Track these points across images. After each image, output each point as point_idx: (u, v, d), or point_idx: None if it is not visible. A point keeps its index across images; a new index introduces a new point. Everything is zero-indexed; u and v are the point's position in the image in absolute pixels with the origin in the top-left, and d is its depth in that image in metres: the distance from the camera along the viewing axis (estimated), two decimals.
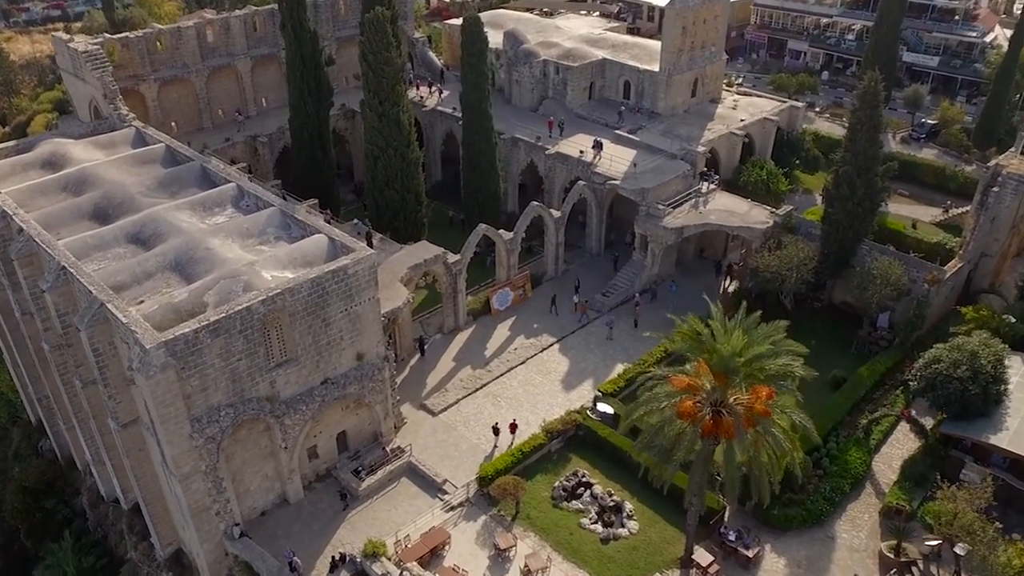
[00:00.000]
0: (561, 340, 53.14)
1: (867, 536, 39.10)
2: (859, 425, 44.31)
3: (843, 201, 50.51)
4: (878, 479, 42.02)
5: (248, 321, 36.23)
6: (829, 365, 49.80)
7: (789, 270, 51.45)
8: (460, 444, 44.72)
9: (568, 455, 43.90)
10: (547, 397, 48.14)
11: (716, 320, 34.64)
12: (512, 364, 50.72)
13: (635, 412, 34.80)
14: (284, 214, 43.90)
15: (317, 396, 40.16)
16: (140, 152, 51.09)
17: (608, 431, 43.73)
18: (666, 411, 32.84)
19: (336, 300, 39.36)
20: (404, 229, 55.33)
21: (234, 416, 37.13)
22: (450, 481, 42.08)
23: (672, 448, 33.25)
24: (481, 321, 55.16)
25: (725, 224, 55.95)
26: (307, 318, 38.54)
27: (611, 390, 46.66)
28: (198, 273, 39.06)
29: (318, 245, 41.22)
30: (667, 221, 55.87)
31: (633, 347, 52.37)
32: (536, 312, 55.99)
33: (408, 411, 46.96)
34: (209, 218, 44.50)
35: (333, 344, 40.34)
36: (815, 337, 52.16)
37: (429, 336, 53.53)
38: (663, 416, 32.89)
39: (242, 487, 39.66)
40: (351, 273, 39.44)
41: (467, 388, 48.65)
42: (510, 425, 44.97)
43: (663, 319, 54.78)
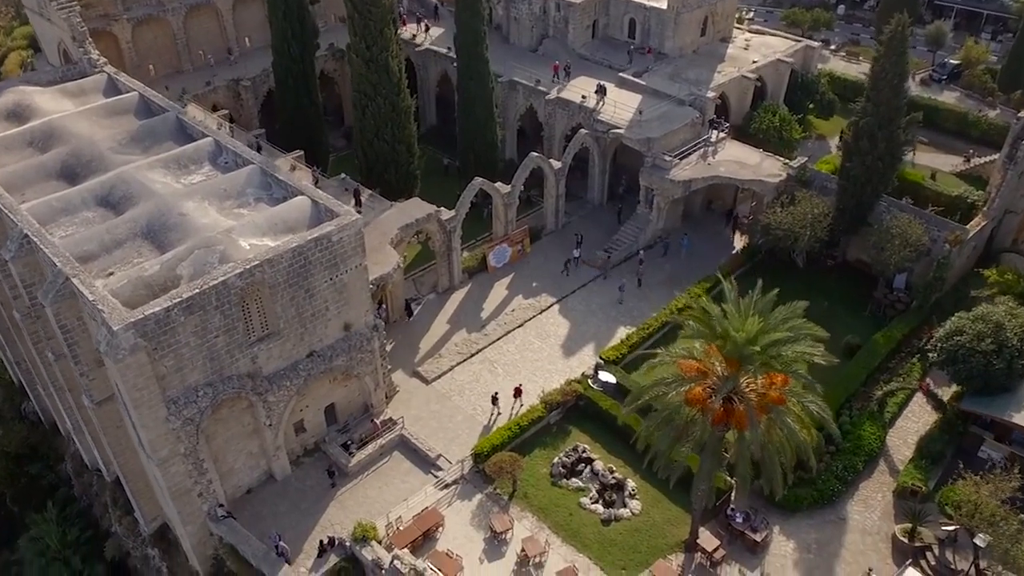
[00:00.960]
0: (561, 301, 50.69)
1: (880, 517, 37.38)
2: (873, 397, 42.17)
3: (862, 155, 47.32)
4: (892, 456, 40.12)
5: (225, 296, 33.72)
6: (842, 329, 47.43)
7: (802, 228, 48.64)
8: (455, 415, 42.73)
9: (568, 428, 41.95)
10: (546, 363, 45.96)
11: (729, 301, 32.00)
12: (509, 327, 48.39)
13: (640, 396, 32.47)
14: (264, 173, 40.88)
15: (302, 370, 37.94)
16: (111, 102, 47.66)
17: (610, 403, 41.67)
18: (674, 398, 30.52)
19: (320, 269, 36.75)
20: (395, 182, 52.28)
21: (213, 396, 34.96)
22: (444, 456, 40.21)
23: (680, 437, 31.11)
24: (477, 279, 52.62)
25: (735, 177, 52.83)
26: (289, 289, 36.02)
27: (613, 357, 44.44)
28: (171, 241, 36.38)
29: (300, 209, 38.38)
30: (674, 173, 52.74)
31: (637, 308, 49.97)
32: (535, 269, 53.39)
33: (400, 379, 44.85)
34: (184, 177, 41.52)
35: (318, 315, 37.91)
36: (827, 297, 49.94)
37: (423, 296, 51.09)
38: (670, 403, 30.58)
39: (225, 466, 37.80)
40: (335, 241, 36.72)
41: (462, 354, 46.44)
42: (515, 390, 43.00)
43: (671, 277, 52.59)
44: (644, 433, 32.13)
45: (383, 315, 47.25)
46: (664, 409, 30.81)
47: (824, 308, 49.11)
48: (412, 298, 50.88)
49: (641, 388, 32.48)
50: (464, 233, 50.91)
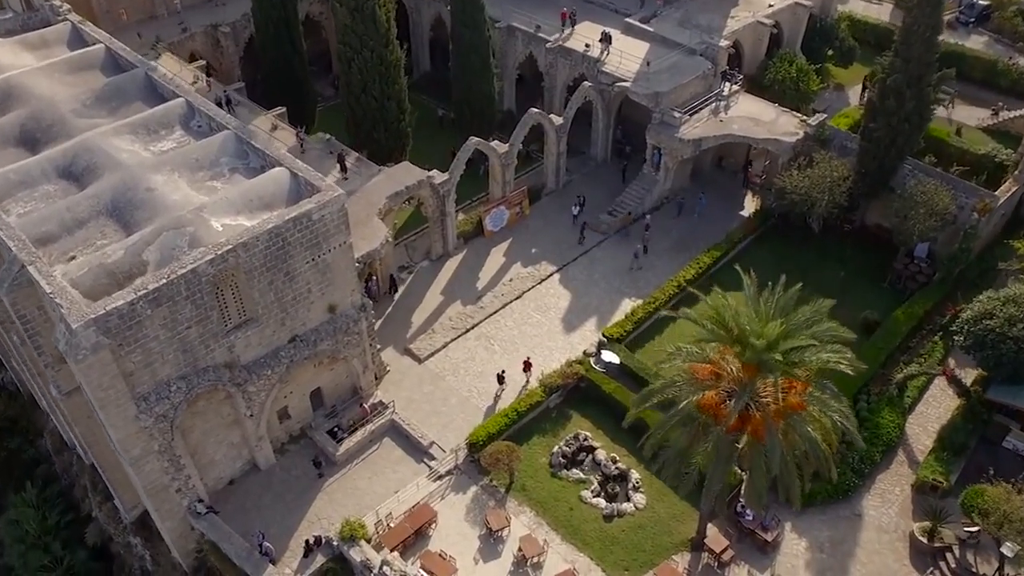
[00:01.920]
0: (562, 269, 47.86)
1: (898, 514, 35.39)
2: (893, 380, 39.71)
3: (888, 115, 43.79)
4: (912, 445, 37.94)
5: (195, 285, 30.94)
6: (859, 302, 44.84)
7: (820, 193, 45.47)
8: (448, 398, 40.42)
9: (568, 412, 39.68)
10: (545, 339, 43.44)
11: (748, 296, 29.22)
12: (507, 299, 45.70)
13: (648, 399, 29.93)
14: (240, 139, 37.57)
15: (284, 357, 35.43)
16: (75, 57, 43.86)
17: (613, 386, 39.32)
18: (685, 406, 27.97)
19: (300, 250, 33.87)
20: (385, 141, 48.81)
21: (188, 390, 32.50)
22: (437, 444, 38.06)
23: (691, 444, 28.74)
24: (473, 245, 49.68)
25: (749, 136, 49.34)
26: (267, 273, 33.21)
27: (617, 335, 41.88)
28: (138, 220, 33.40)
29: (278, 182, 35.26)
30: (683, 132, 49.23)
31: (643, 278, 47.20)
32: (535, 234, 50.40)
33: (391, 357, 42.40)
34: (154, 144, 38.22)
35: (299, 298, 35.19)
36: (844, 266, 47.23)
37: (415, 263, 48.26)
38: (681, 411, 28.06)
39: (205, 459, 35.65)
40: (316, 219, 33.73)
41: (456, 329, 43.88)
42: (524, 363, 40.68)
43: (678, 242, 49.60)
44: (652, 441, 29.69)
45: (372, 289, 44.62)
46: (674, 416, 28.30)
47: (840, 278, 46.58)
48: (405, 265, 48.10)
49: (649, 390, 29.89)
50: (459, 193, 47.75)
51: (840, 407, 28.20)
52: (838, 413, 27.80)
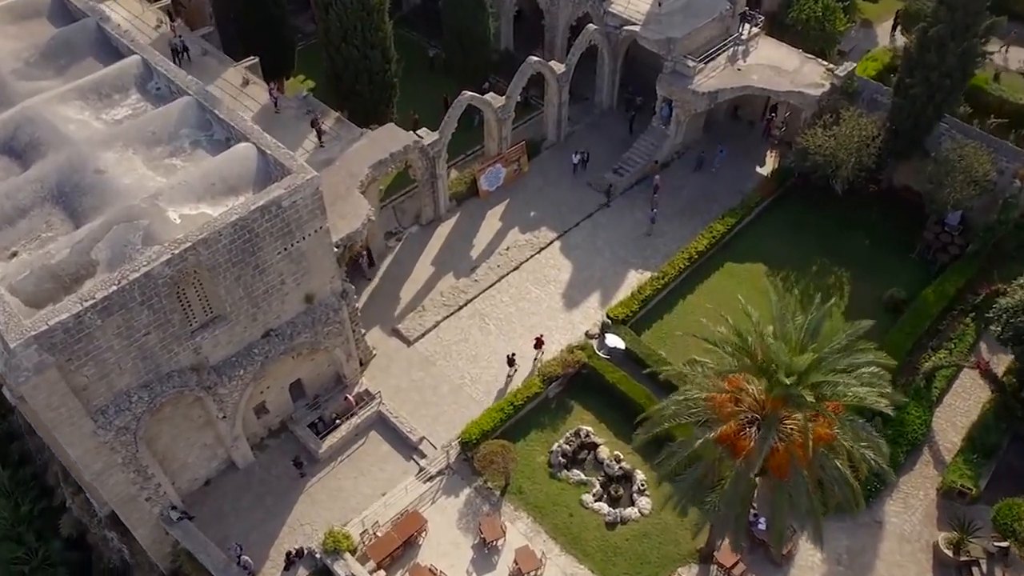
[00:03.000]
0: (563, 236, 44.19)
1: (921, 521, 32.96)
2: (920, 369, 36.70)
3: (927, 70, 39.28)
4: (938, 443, 35.23)
5: (151, 289, 27.58)
6: (885, 275, 41.51)
7: (847, 154, 41.40)
8: (439, 386, 37.55)
9: (569, 403, 36.86)
10: (545, 318, 40.23)
11: (775, 315, 25.86)
12: (503, 271, 42.26)
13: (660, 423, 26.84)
14: (202, 107, 33.44)
15: (258, 354, 32.38)
16: (19, 2, 39.21)
17: (619, 375, 36.36)
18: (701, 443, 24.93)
19: (270, 241, 30.34)
20: (369, 94, 44.25)
21: (151, 399, 29.57)
22: (428, 440, 35.43)
23: (705, 476, 25.93)
24: (466, 207, 45.88)
25: (770, 88, 44.78)
26: (233, 268, 29.79)
27: (623, 315, 38.66)
28: (86, 209, 29.82)
29: (244, 161, 31.43)
30: (698, 83, 44.69)
31: (650, 245, 43.62)
32: (533, 194, 46.52)
33: (378, 338, 39.32)
34: (106, 111, 34.22)
35: (272, 291, 31.88)
36: (869, 233, 43.69)
37: (404, 229, 44.62)
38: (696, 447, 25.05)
39: (176, 463, 33.08)
40: (287, 207, 30.06)
41: (448, 306, 40.63)
42: (536, 340, 37.83)
43: (690, 204, 45.68)
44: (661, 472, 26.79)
45: (363, 265, 41.24)
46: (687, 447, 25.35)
47: (864, 248, 43.16)
48: (393, 230, 44.46)
49: (661, 415, 26.76)
50: (451, 147, 43.46)
51: (873, 439, 25.17)
52: (872, 448, 24.80)
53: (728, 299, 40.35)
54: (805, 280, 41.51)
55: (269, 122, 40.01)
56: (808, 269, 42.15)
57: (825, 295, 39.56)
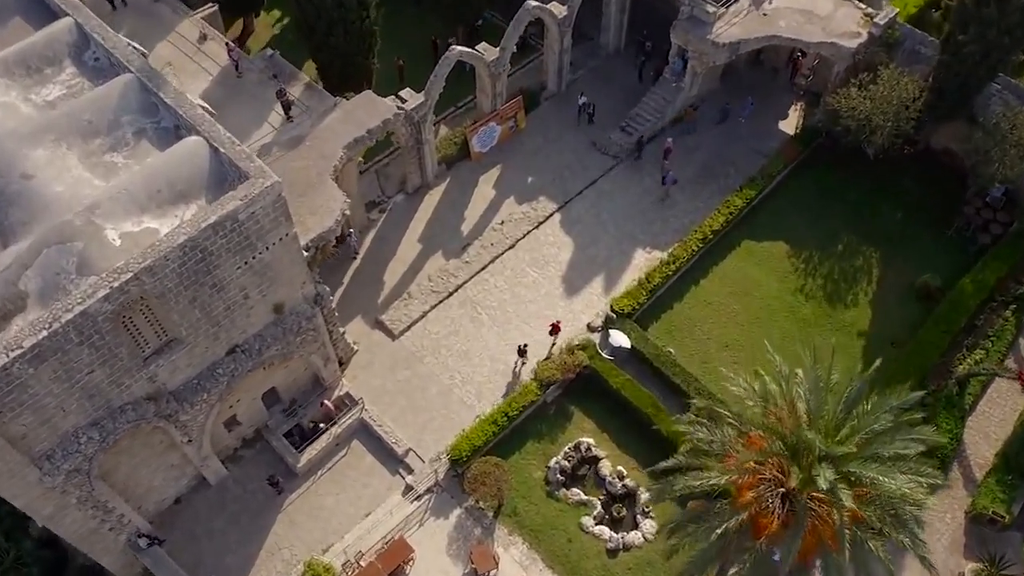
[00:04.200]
0: (564, 207, 40.00)
1: (947, 548, 30.50)
2: (954, 372, 33.47)
3: (984, 26, 34.08)
4: (969, 458, 32.41)
5: (90, 327, 23.98)
6: (918, 256, 37.80)
7: (884, 119, 36.78)
8: (427, 387, 34.45)
9: (569, 408, 33.83)
10: (543, 306, 36.68)
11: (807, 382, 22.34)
12: (497, 250, 38.35)
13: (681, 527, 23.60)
14: (146, 88, 28.79)
15: (223, 374, 29.08)
16: None
17: (623, 379, 33.21)
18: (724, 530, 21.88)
19: (228, 257, 26.48)
20: (345, 45, 38.80)
21: (102, 437, 26.48)
22: (415, 452, 32.68)
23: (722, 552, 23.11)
24: (457, 171, 41.47)
25: (799, 38, 39.45)
26: (186, 292, 26.05)
27: (628, 308, 35.11)
28: (12, 225, 25.87)
29: (194, 160, 27.12)
30: (718, 31, 39.36)
31: (660, 218, 39.53)
32: (531, 155, 41.99)
33: (359, 331, 35.92)
34: (36, 90, 29.55)
35: (235, 307, 28.25)
36: (902, 205, 39.62)
37: (388, 198, 40.42)
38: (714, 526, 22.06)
39: (141, 488, 30.41)
40: (244, 219, 26.06)
41: (437, 292, 37.00)
42: (552, 326, 34.70)
43: (705, 168, 41.16)
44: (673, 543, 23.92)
45: (352, 243, 37.41)
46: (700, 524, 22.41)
47: (897, 222, 39.22)
48: (376, 200, 40.28)
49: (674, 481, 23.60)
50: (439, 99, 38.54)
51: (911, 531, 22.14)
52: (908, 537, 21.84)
53: (745, 285, 37.01)
54: (830, 262, 37.70)
55: (230, 89, 35.25)
56: (833, 248, 38.23)
57: (852, 279, 36.60)
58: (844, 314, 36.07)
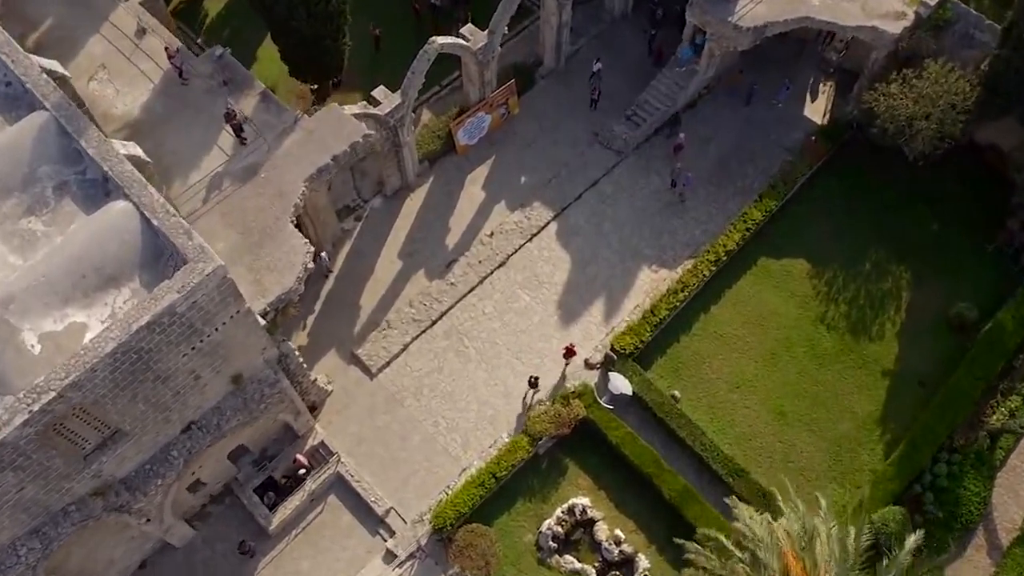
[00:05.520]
0: (562, 214, 35.84)
1: None
2: (985, 422, 30.46)
3: None
4: (996, 521, 29.76)
5: (11, 453, 20.92)
6: (954, 276, 34.09)
7: (927, 121, 32.17)
8: (409, 435, 31.58)
9: (563, 462, 31.01)
10: (536, 338, 33.21)
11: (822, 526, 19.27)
12: (486, 269, 34.52)
13: None
14: (65, 131, 24.42)
15: (178, 455, 26.24)
16: None
17: (623, 432, 30.28)
18: None
19: (170, 349, 23.06)
20: (309, 29, 33.57)
21: (44, 546, 23.94)
22: (396, 511, 30.20)
23: None
24: (442, 168, 37.05)
25: (835, 21, 34.04)
26: (124, 392, 22.82)
27: (631, 347, 31.70)
28: None
29: (123, 236, 23.22)
30: (741, 10, 33.98)
31: (669, 228, 35.45)
32: (524, 147, 37.46)
33: (334, 366, 32.70)
34: None
35: (185, 390, 25.05)
36: (938, 214, 35.56)
37: (364, 201, 36.23)
38: None
39: (100, 565, 28.13)
40: (184, 312, 22.43)
41: (418, 321, 33.50)
42: (566, 350, 31.85)
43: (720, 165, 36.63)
44: None
45: (324, 264, 33.66)
46: None
47: (932, 234, 35.15)
48: (351, 204, 36.07)
49: None
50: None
51: None
52: None
53: (761, 312, 33.60)
54: (855, 284, 33.92)
55: (174, 99, 30.51)
56: (860, 266, 34.33)
57: (879, 305, 33.16)
58: (868, 348, 32.68)
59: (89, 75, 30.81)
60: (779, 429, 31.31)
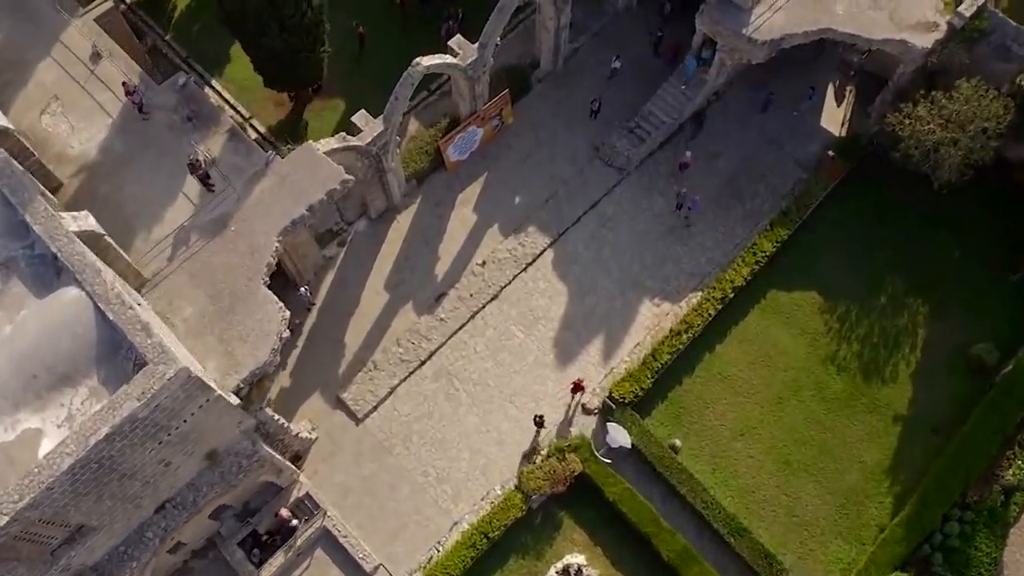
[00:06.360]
0: (559, 239, 33.57)
1: None
2: (1000, 476, 29.07)
3: None
4: None
5: None
6: (974, 309, 32.34)
7: (956, 145, 29.69)
8: (399, 485, 30.24)
9: (558, 516, 29.70)
10: (531, 380, 31.45)
11: None
12: (477, 303, 32.48)
13: None
14: (7, 203, 22.15)
15: (153, 536, 25.02)
16: None
17: (621, 487, 28.94)
18: None
19: (134, 450, 21.42)
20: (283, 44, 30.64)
21: None
22: (385, 568, 29.13)
23: None
24: (430, 188, 34.58)
25: (859, 33, 30.98)
26: (88, 496, 21.31)
27: (630, 395, 30.03)
28: None
29: (76, 330, 21.31)
30: (756, 20, 30.91)
31: (673, 256, 33.25)
32: (518, 163, 34.91)
33: (318, 410, 31.07)
34: None
35: (156, 477, 23.60)
36: (960, 240, 33.43)
37: (347, 225, 33.91)
38: None
39: None
40: (145, 417, 20.67)
41: (406, 360, 31.70)
42: (574, 384, 30.44)
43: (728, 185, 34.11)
44: None
45: (304, 298, 31.67)
46: None
47: (953, 262, 33.07)
48: (334, 227, 33.75)
49: None
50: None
51: None
52: None
53: (768, 352, 31.94)
54: (869, 320, 31.99)
55: (135, 137, 27.87)
56: (875, 299, 32.33)
57: (893, 343, 31.44)
58: (880, 391, 31.02)
59: (41, 107, 28.10)
60: (783, 480, 29.96)
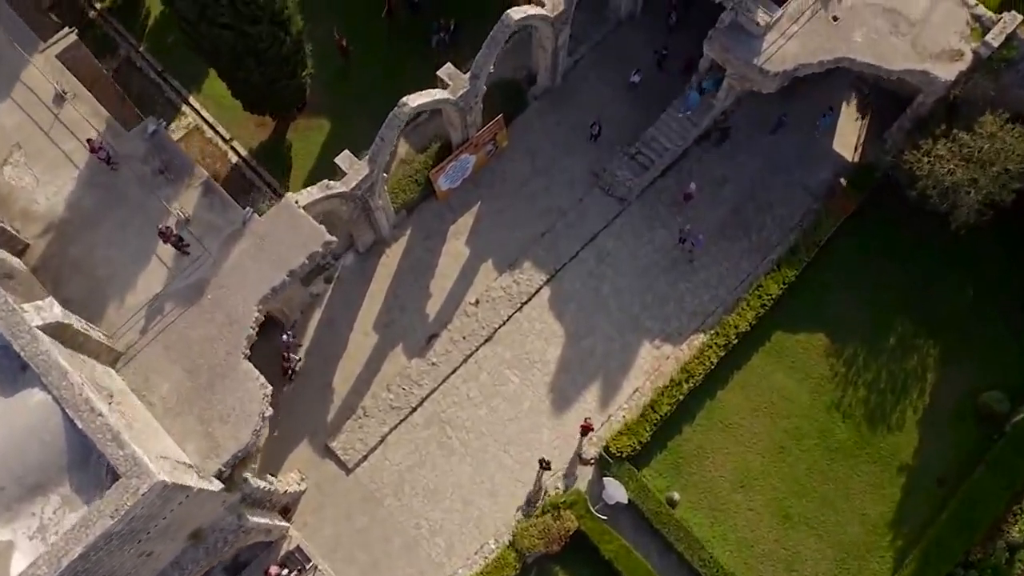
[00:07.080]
0: (556, 276, 32.05)
1: None
2: (1005, 531, 28.29)
3: None
4: None
5: None
6: (985, 354, 31.21)
7: (976, 186, 28.07)
8: (390, 538, 29.50)
9: (553, 571, 29.17)
10: (527, 428, 30.36)
11: None
12: (470, 346, 31.16)
13: None
14: None
15: None
16: None
17: (617, 545, 28.23)
18: None
19: (111, 557, 20.55)
20: (260, 76, 28.63)
21: None
22: None
23: None
24: (420, 219, 32.89)
25: (881, 63, 28.83)
26: None
27: (628, 449, 29.06)
28: None
29: (44, 437, 20.21)
30: (767, 54, 28.76)
31: (673, 294, 31.81)
32: (514, 192, 33.20)
33: (306, 459, 30.10)
34: None
35: (136, 568, 22.73)
36: (974, 278, 31.90)
37: (333, 260, 32.33)
38: None
39: None
40: (121, 530, 19.71)
41: (397, 408, 30.61)
42: (582, 427, 29.81)
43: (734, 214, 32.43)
44: None
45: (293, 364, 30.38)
46: None
47: (965, 302, 31.72)
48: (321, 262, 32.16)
49: None
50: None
51: None
52: None
53: (771, 399, 30.96)
54: (877, 364, 30.78)
55: (104, 192, 26.12)
56: (883, 342, 31.05)
57: (901, 389, 30.45)
58: (885, 440, 30.06)
59: (3, 157, 26.26)
60: (783, 534, 29.27)
